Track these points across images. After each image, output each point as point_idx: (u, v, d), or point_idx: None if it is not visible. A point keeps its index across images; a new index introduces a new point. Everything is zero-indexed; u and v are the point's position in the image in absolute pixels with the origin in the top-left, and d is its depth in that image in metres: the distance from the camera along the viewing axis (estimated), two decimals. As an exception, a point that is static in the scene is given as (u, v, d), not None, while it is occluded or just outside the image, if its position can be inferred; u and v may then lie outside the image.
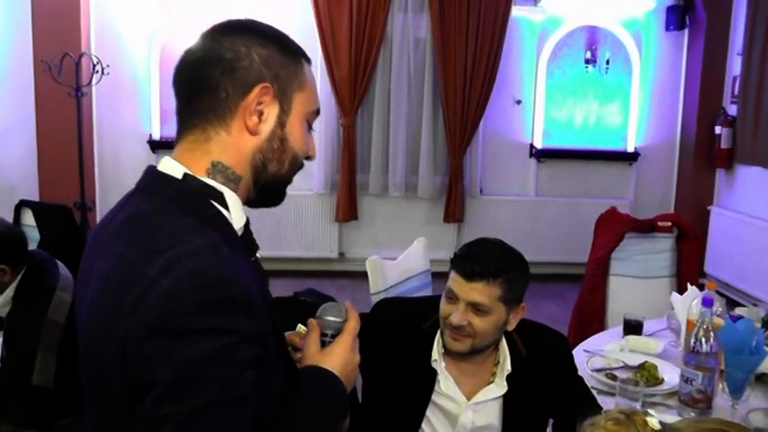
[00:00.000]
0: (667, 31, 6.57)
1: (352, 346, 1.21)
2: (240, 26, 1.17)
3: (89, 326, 1.08)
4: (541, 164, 6.67)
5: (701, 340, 2.02)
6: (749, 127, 5.85)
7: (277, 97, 1.13)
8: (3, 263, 2.45)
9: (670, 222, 3.71)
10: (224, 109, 1.11)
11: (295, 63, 1.17)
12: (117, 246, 1.06)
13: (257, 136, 1.13)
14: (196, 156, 1.12)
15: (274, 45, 1.14)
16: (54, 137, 5.76)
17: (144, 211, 1.08)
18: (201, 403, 0.94)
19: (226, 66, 1.10)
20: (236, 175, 1.12)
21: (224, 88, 1.10)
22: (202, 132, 1.12)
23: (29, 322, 2.45)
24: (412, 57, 6.26)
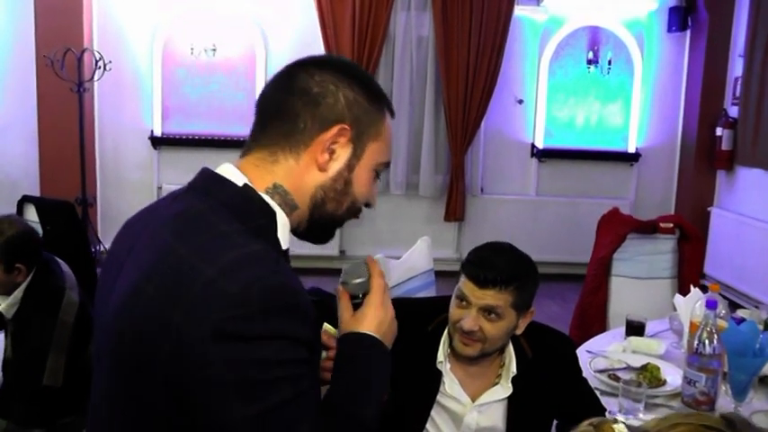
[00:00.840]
0: (669, 32, 6.58)
1: (382, 302, 1.22)
2: (335, 64, 1.18)
3: (124, 315, 1.06)
4: (542, 163, 6.68)
5: (705, 342, 2.03)
6: (750, 129, 5.86)
7: (352, 141, 1.15)
8: (20, 262, 2.45)
9: (672, 224, 3.73)
10: (299, 139, 1.13)
11: (378, 112, 1.18)
12: (166, 237, 1.07)
13: (324, 173, 1.14)
14: (260, 172, 1.13)
15: (362, 90, 1.16)
16: (56, 132, 5.76)
17: (197, 209, 1.09)
18: (276, 401, 0.99)
19: (311, 99, 1.12)
20: (294, 202, 1.14)
21: (303, 120, 1.12)
22: (271, 155, 1.14)
23: (41, 324, 2.44)
24: (414, 55, 6.26)
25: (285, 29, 6.25)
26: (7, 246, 2.42)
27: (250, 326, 0.97)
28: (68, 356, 2.47)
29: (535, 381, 1.83)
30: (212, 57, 6.11)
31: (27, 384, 2.44)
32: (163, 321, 0.99)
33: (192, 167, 4.74)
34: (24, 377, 2.45)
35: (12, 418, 2.45)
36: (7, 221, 2.51)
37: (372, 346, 1.18)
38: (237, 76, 6.27)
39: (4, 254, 2.41)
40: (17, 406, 2.45)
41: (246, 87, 6.28)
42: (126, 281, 1.09)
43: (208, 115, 6.27)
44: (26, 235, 2.51)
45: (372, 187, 1.21)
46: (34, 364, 2.41)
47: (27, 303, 2.48)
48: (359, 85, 1.16)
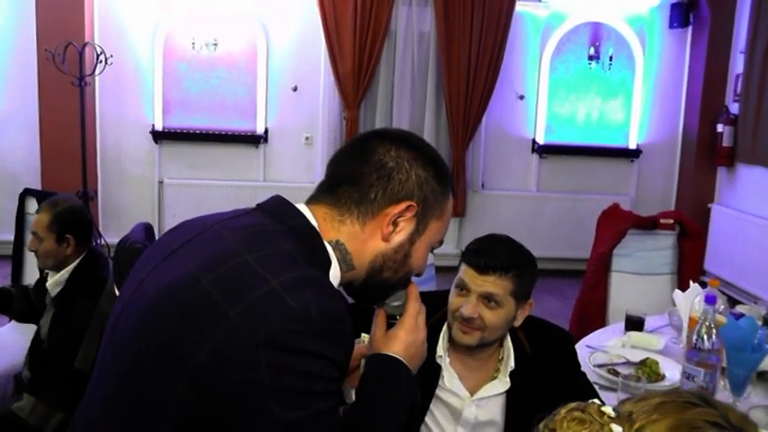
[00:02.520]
0: (671, 28, 6.58)
1: (413, 326, 1.27)
2: (412, 142, 1.23)
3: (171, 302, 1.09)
4: (543, 159, 6.68)
5: (704, 337, 2.03)
6: (750, 126, 5.86)
7: (417, 217, 1.21)
8: (69, 232, 2.61)
9: (672, 220, 3.73)
10: (368, 208, 1.19)
11: (444, 194, 1.24)
12: (232, 241, 1.13)
13: (387, 243, 1.21)
14: (327, 225, 1.20)
15: (433, 172, 1.21)
16: (57, 126, 5.76)
17: (264, 226, 1.16)
18: (312, 411, 1.05)
19: (385, 173, 1.18)
20: (351, 263, 1.20)
21: (375, 191, 1.18)
22: (339, 214, 1.20)
23: (82, 307, 2.55)
24: (416, 51, 6.26)
25: (286, 23, 6.25)
26: (59, 216, 2.61)
27: (302, 341, 1.02)
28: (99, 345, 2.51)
29: (533, 375, 1.84)
30: (213, 51, 6.11)
31: (59, 365, 2.50)
32: (215, 317, 1.03)
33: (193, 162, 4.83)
34: (58, 358, 2.52)
35: (42, 397, 2.51)
36: (63, 197, 2.74)
37: (396, 368, 1.23)
38: (239, 71, 6.27)
39: (55, 223, 2.60)
40: (48, 387, 2.52)
41: (248, 82, 6.29)
42: (177, 270, 1.12)
43: (209, 110, 6.28)
44: (77, 211, 2.70)
45: (426, 259, 1.28)
46: (69, 346, 2.49)
47: (72, 285, 2.62)
48: (431, 166, 1.21)
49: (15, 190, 3.90)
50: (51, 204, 2.66)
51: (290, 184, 6.18)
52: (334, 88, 6.17)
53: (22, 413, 2.48)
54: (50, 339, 2.60)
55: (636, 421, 0.92)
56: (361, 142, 1.24)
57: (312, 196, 1.24)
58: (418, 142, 1.25)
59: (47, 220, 2.60)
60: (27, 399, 2.52)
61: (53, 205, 2.65)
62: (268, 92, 6.31)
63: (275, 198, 1.22)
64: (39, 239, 2.63)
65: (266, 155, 6.41)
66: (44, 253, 2.63)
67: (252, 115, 6.33)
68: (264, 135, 6.35)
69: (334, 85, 6.15)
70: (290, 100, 6.36)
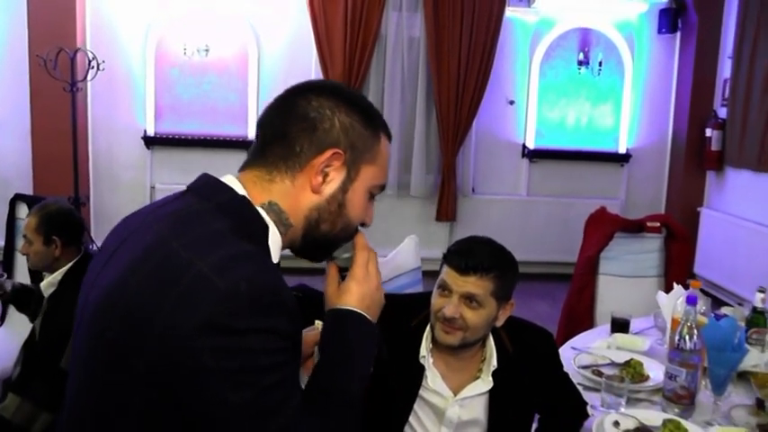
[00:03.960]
0: (659, 33, 6.63)
1: (364, 275, 1.25)
2: (332, 90, 1.21)
3: (108, 306, 1.09)
4: (533, 164, 6.72)
5: (686, 338, 2.06)
6: (738, 130, 5.91)
7: (346, 164, 1.18)
8: (56, 234, 2.64)
9: (659, 223, 3.76)
10: (295, 162, 1.17)
11: (373, 137, 1.22)
12: (159, 231, 1.11)
13: (318, 195, 1.18)
14: (257, 189, 1.17)
15: (358, 116, 1.19)
16: (49, 132, 5.77)
17: (192, 208, 1.14)
18: (263, 386, 1.03)
19: (308, 124, 1.16)
20: (288, 221, 1.18)
21: (300, 144, 1.16)
22: (268, 174, 1.18)
23: (69, 307, 2.53)
24: (406, 56, 6.30)
25: (278, 29, 6.28)
26: (47, 218, 2.65)
27: (239, 320, 1.01)
28: None
29: (515, 375, 1.86)
30: (205, 57, 6.13)
31: (46, 364, 2.53)
32: (151, 311, 1.03)
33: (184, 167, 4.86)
34: (44, 357, 2.55)
35: (28, 396, 2.53)
36: (52, 201, 2.80)
37: (354, 320, 1.21)
38: (230, 77, 6.29)
39: (42, 225, 2.64)
40: (37, 386, 2.54)
41: (239, 87, 6.31)
42: (112, 274, 1.11)
43: (200, 115, 6.30)
44: (65, 213, 2.74)
45: (368, 207, 1.25)
46: (56, 346, 2.51)
47: (63, 287, 2.64)
48: (355, 110, 1.19)
49: (6, 195, 3.90)
50: (40, 207, 2.71)
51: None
52: (325, 93, 6.18)
53: (6, 413, 2.49)
54: (41, 339, 2.63)
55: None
56: (283, 98, 1.21)
57: (243, 163, 1.22)
58: (340, 89, 1.23)
59: (35, 223, 2.65)
60: (11, 398, 2.53)
61: (41, 208, 2.70)
62: (259, 97, 6.32)
63: (202, 177, 1.20)
64: (29, 242, 2.67)
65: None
66: (34, 255, 2.67)
67: (243, 121, 6.35)
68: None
69: (325, 90, 6.17)
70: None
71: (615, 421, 1.97)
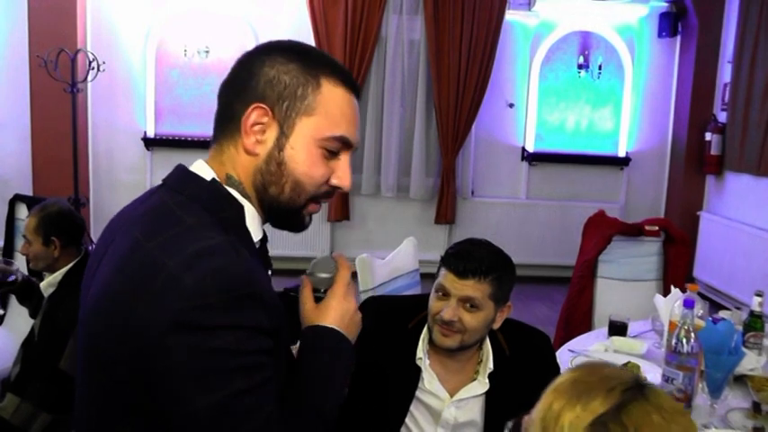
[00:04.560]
0: (659, 37, 6.64)
1: (344, 295, 1.21)
2: (265, 46, 1.17)
3: (96, 312, 1.09)
4: (533, 167, 6.72)
5: (683, 341, 2.05)
6: (738, 134, 5.92)
7: (277, 119, 1.11)
8: (55, 235, 2.65)
9: (657, 227, 3.76)
10: (233, 127, 1.13)
11: (308, 85, 1.12)
12: (135, 232, 1.08)
13: (255, 156, 1.12)
14: (216, 165, 1.15)
15: (290, 64, 1.12)
16: (49, 132, 5.78)
17: (166, 205, 1.11)
18: (233, 390, 0.99)
19: (238, 85, 1.13)
20: (245, 192, 1.14)
21: (233, 107, 1.13)
22: (219, 146, 1.16)
23: (68, 308, 2.56)
24: (406, 58, 6.31)
25: (278, 31, 6.28)
26: (46, 219, 2.66)
27: (208, 316, 0.98)
28: None
29: (512, 377, 1.86)
30: (205, 58, 6.14)
31: (45, 365, 2.53)
32: (127, 315, 1.01)
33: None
34: (43, 357, 2.55)
35: (26, 397, 2.52)
36: (51, 202, 2.80)
37: (335, 339, 1.18)
38: (230, 78, 6.29)
39: (41, 226, 2.65)
40: (35, 385, 2.53)
41: (239, 89, 6.31)
42: (99, 279, 1.11)
43: (200, 116, 6.30)
44: (65, 214, 2.74)
45: (324, 166, 1.15)
46: (54, 346, 2.52)
47: (63, 287, 2.65)
48: (288, 58, 1.12)
49: (6, 195, 3.91)
50: (39, 208, 2.72)
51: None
52: (326, 96, 6.19)
53: (5, 413, 2.49)
54: (39, 339, 2.63)
55: None
56: (238, 65, 1.16)
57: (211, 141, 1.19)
58: (278, 43, 1.16)
59: (34, 224, 2.66)
60: (10, 398, 2.53)
61: (41, 209, 2.71)
62: (259, 99, 6.33)
63: (176, 169, 1.16)
64: (28, 243, 2.68)
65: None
66: (34, 256, 2.68)
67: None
68: (256, 142, 6.37)
69: (326, 92, 6.18)
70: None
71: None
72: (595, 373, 0.97)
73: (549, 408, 0.95)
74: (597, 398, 0.92)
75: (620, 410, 0.91)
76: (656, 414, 0.90)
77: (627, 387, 0.93)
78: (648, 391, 0.93)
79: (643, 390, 0.94)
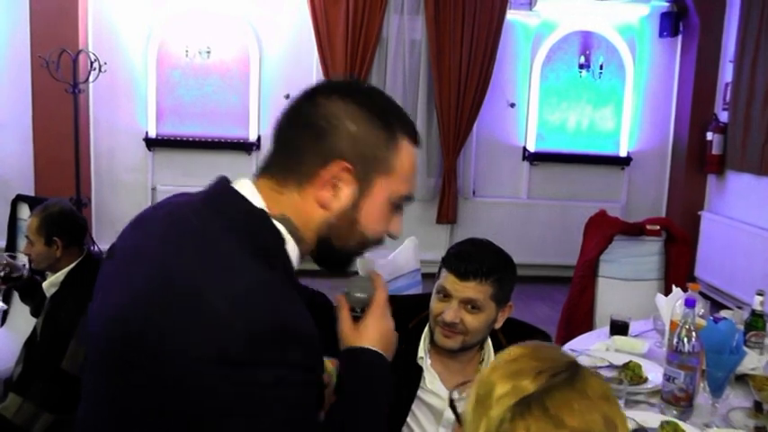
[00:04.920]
0: (661, 37, 6.64)
1: (382, 315, 1.21)
2: (344, 91, 1.13)
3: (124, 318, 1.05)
4: (534, 167, 6.72)
5: (684, 340, 2.06)
6: (739, 134, 5.92)
7: (357, 177, 1.09)
8: (57, 235, 2.65)
9: (658, 226, 3.76)
10: (302, 174, 1.09)
11: (388, 145, 1.11)
12: (176, 248, 1.06)
13: (328, 211, 1.10)
14: (271, 200, 1.10)
15: (372, 121, 1.10)
16: (50, 133, 5.79)
17: (209, 225, 1.07)
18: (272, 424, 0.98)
19: (315, 133, 1.08)
20: (300, 235, 1.11)
21: (306, 154, 1.09)
22: (277, 185, 1.11)
23: (70, 309, 2.58)
24: (407, 58, 6.31)
25: (279, 31, 6.29)
26: (48, 219, 2.67)
27: (254, 355, 0.96)
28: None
29: (514, 376, 1.86)
30: (207, 59, 6.15)
31: (47, 365, 2.54)
32: (161, 336, 0.99)
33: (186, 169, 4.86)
34: (46, 357, 2.56)
35: (29, 396, 2.53)
36: (53, 202, 2.80)
37: (375, 359, 1.18)
38: (231, 78, 6.30)
39: (43, 226, 2.66)
40: (38, 385, 2.54)
41: (240, 89, 6.32)
42: (127, 287, 1.08)
43: (202, 117, 6.31)
44: (67, 214, 2.74)
45: (391, 220, 1.16)
46: (56, 346, 2.53)
47: (65, 287, 2.66)
48: (367, 113, 1.09)
49: (8, 195, 3.92)
50: (41, 208, 2.72)
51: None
52: (327, 96, 6.20)
53: (7, 413, 2.50)
54: (41, 339, 2.64)
55: None
56: (293, 103, 1.14)
57: (258, 169, 1.15)
58: (352, 89, 1.14)
59: (36, 224, 2.67)
60: (12, 398, 2.54)
61: (43, 209, 2.71)
62: (261, 99, 6.34)
63: (219, 183, 1.13)
64: (30, 243, 2.68)
65: (259, 162, 6.39)
66: (36, 256, 2.69)
67: (245, 122, 6.36)
68: (257, 142, 6.38)
69: (327, 92, 6.18)
70: (283, 107, 6.38)
71: (613, 423, 1.97)
72: (535, 354, 0.99)
73: (487, 379, 0.98)
74: (527, 378, 0.95)
75: (544, 394, 0.93)
76: (578, 401, 0.93)
77: (557, 372, 0.96)
78: (578, 378, 0.96)
79: (573, 376, 0.96)
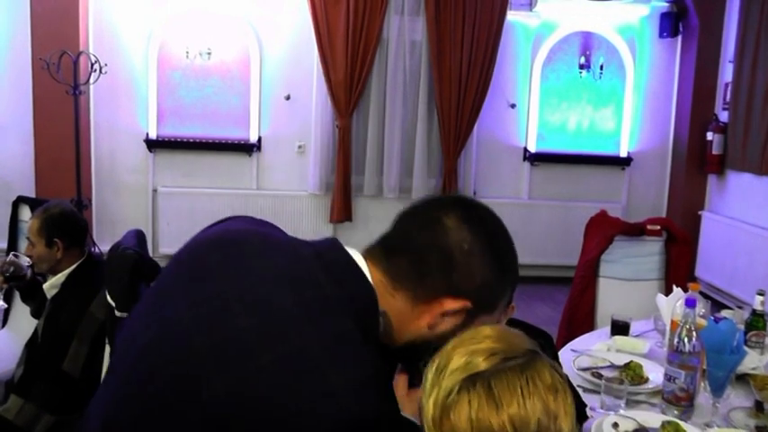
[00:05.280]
0: (661, 37, 6.65)
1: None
2: (488, 231, 1.17)
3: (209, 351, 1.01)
4: (535, 167, 6.73)
5: (684, 340, 2.06)
6: (740, 134, 5.93)
7: (468, 313, 1.14)
8: (57, 237, 2.66)
9: (659, 226, 3.77)
10: (422, 291, 1.13)
11: (501, 293, 1.18)
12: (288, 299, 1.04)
13: (430, 330, 1.14)
14: (379, 292, 1.12)
15: (499, 270, 1.15)
16: (51, 134, 5.80)
17: (326, 291, 1.07)
18: None
19: (450, 263, 1.12)
20: (391, 335, 1.15)
21: (434, 277, 1.12)
22: (392, 286, 1.14)
23: (71, 310, 2.60)
24: (408, 59, 6.32)
25: (279, 32, 6.30)
26: (49, 221, 2.68)
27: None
28: (91, 350, 2.55)
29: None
30: (207, 60, 6.16)
31: (48, 366, 2.55)
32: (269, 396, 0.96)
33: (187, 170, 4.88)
34: (47, 359, 2.57)
35: (30, 398, 2.53)
36: (55, 203, 2.81)
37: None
38: (232, 80, 6.31)
39: (44, 228, 2.67)
40: (39, 387, 2.54)
41: (241, 91, 6.33)
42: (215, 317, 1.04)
43: (203, 118, 6.32)
44: (67, 215, 2.76)
45: None
46: (58, 348, 2.54)
47: (66, 289, 2.67)
48: (498, 261, 1.15)
49: (8, 197, 3.93)
50: (42, 210, 2.73)
51: (283, 192, 6.24)
52: (327, 97, 6.21)
53: (8, 414, 2.50)
54: (43, 341, 2.65)
55: None
56: (434, 213, 1.16)
57: (370, 250, 1.17)
58: (495, 233, 1.18)
59: (37, 225, 2.68)
60: (14, 400, 2.54)
61: (44, 211, 2.72)
62: (261, 101, 6.35)
63: (336, 248, 1.15)
64: (32, 244, 2.70)
65: (259, 163, 6.44)
66: (37, 257, 2.70)
67: (245, 124, 6.37)
68: (258, 143, 6.39)
69: (327, 93, 6.20)
70: (283, 109, 6.41)
71: (614, 423, 1.98)
72: (498, 337, 1.03)
73: (448, 352, 1.01)
74: (481, 357, 0.99)
75: (492, 374, 0.97)
76: (524, 388, 0.96)
77: (511, 357, 0.99)
78: (530, 366, 0.99)
79: (526, 363, 0.99)
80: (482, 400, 0.95)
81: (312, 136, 6.37)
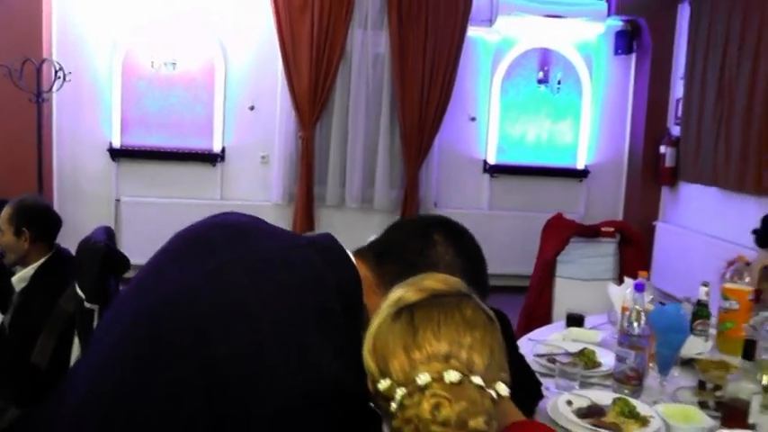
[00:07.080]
0: (616, 54, 6.86)
1: None
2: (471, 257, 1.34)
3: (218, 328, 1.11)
4: (494, 179, 6.86)
5: (634, 322, 2.17)
6: (691, 147, 6.13)
7: None
8: (26, 226, 2.69)
9: (613, 228, 3.90)
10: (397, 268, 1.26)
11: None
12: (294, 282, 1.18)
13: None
14: (364, 286, 1.26)
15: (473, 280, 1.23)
16: (13, 142, 5.74)
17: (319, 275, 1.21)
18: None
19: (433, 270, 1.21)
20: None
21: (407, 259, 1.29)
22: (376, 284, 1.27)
23: (40, 303, 2.63)
24: (371, 72, 6.42)
25: (244, 44, 6.36)
26: (20, 210, 2.72)
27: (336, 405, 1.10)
28: (58, 343, 2.57)
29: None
30: (172, 71, 6.18)
31: (16, 358, 2.56)
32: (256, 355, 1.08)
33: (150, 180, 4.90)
34: (15, 351, 2.58)
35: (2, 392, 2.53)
36: (33, 196, 2.91)
37: None
38: (197, 90, 6.34)
39: (14, 216, 2.71)
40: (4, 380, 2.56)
41: (205, 101, 6.36)
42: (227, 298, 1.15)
43: (167, 128, 6.33)
44: (39, 209, 2.81)
45: None
46: (26, 340, 2.55)
47: (34, 282, 2.70)
48: (475, 277, 1.28)
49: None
50: (18, 200, 2.79)
51: (246, 203, 6.24)
52: (291, 108, 6.28)
53: None
54: (11, 334, 2.65)
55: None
56: (427, 229, 1.31)
57: (360, 250, 1.30)
58: (478, 262, 1.34)
59: (8, 214, 2.72)
60: None
61: (19, 201, 2.78)
62: (225, 111, 6.39)
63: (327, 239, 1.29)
64: (1, 232, 2.71)
65: (223, 173, 6.47)
66: (5, 245, 2.73)
67: (209, 134, 6.40)
68: (221, 154, 6.42)
69: (291, 104, 6.27)
70: (247, 119, 6.45)
71: (568, 401, 2.06)
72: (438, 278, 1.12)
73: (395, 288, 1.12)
74: (412, 291, 1.08)
75: (417, 307, 1.06)
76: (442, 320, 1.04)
77: (440, 294, 1.08)
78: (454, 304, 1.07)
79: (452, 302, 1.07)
80: (402, 330, 1.03)
81: (276, 146, 6.42)
